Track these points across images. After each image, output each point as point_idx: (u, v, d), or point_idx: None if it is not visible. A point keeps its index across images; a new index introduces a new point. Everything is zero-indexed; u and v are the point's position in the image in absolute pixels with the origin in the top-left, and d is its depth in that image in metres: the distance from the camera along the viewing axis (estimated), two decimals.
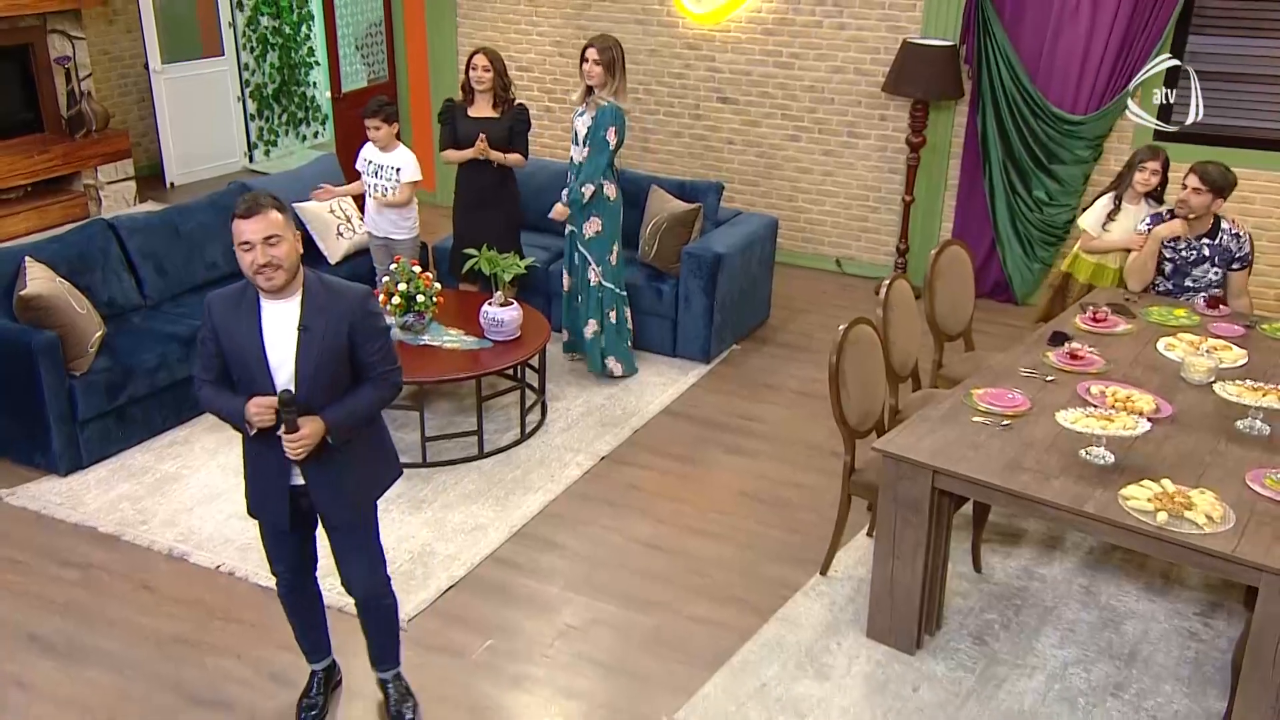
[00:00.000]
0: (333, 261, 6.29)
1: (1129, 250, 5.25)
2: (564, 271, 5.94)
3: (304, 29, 10.84)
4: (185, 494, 4.71)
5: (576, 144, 5.63)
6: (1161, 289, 5.15)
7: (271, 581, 4.07)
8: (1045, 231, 7.04)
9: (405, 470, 4.85)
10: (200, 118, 9.76)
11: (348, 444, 3.11)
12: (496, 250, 5.40)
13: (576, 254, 5.78)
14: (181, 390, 5.20)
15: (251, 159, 10.38)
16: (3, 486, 4.73)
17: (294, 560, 3.34)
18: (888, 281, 4.56)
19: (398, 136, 5.82)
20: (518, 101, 5.90)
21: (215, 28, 9.86)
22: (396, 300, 5.12)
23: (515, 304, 5.27)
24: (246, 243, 2.90)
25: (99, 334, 4.84)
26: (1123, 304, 4.93)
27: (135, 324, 5.26)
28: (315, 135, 11.23)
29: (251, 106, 10.35)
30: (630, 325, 6.01)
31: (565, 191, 5.71)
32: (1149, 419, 3.64)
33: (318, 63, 11.03)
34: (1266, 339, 4.65)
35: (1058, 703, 3.60)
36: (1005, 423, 3.77)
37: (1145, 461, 3.54)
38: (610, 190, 5.65)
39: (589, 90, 5.53)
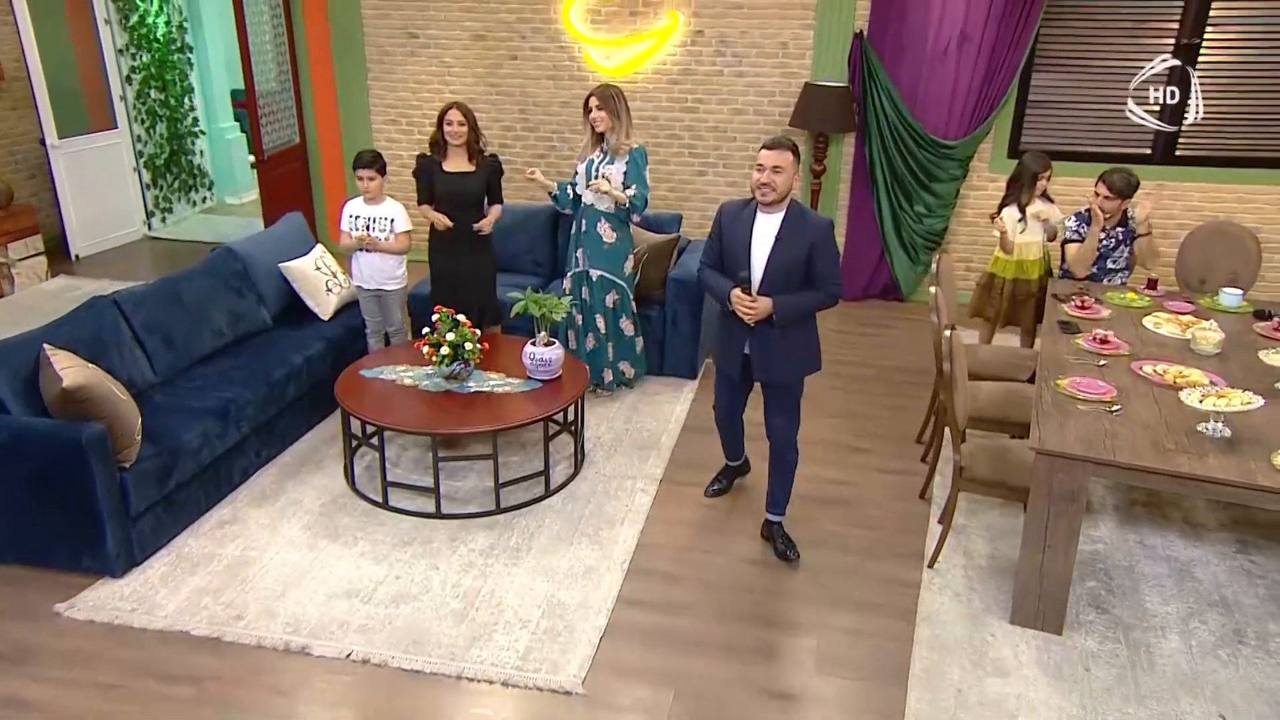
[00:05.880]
0: (325, 317, 5.19)
1: (1059, 242, 5.04)
2: (574, 313, 5.14)
3: (187, 101, 9.32)
4: (267, 578, 3.60)
5: (587, 187, 4.90)
6: (1088, 275, 4.99)
7: (419, 664, 3.18)
8: (926, 239, 6.87)
9: (482, 519, 4.02)
10: (99, 189, 8.11)
11: (786, 330, 3.51)
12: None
13: (585, 288, 5.06)
14: (221, 465, 4.05)
15: (150, 226, 8.76)
16: (57, 600, 3.44)
17: (729, 406, 3.97)
18: (934, 290, 4.10)
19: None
20: (489, 153, 5.07)
21: (103, 101, 8.21)
22: (445, 350, 4.20)
23: (556, 343, 4.46)
24: (761, 165, 3.38)
25: (139, 419, 3.64)
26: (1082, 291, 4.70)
27: (159, 403, 4.02)
28: (204, 200, 9.71)
29: (146, 176, 8.74)
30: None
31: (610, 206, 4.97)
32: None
33: (203, 132, 9.55)
34: (1215, 311, 4.55)
35: (1205, 659, 3.23)
36: (1115, 409, 3.39)
37: (1255, 434, 3.22)
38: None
39: (599, 138, 4.81)
